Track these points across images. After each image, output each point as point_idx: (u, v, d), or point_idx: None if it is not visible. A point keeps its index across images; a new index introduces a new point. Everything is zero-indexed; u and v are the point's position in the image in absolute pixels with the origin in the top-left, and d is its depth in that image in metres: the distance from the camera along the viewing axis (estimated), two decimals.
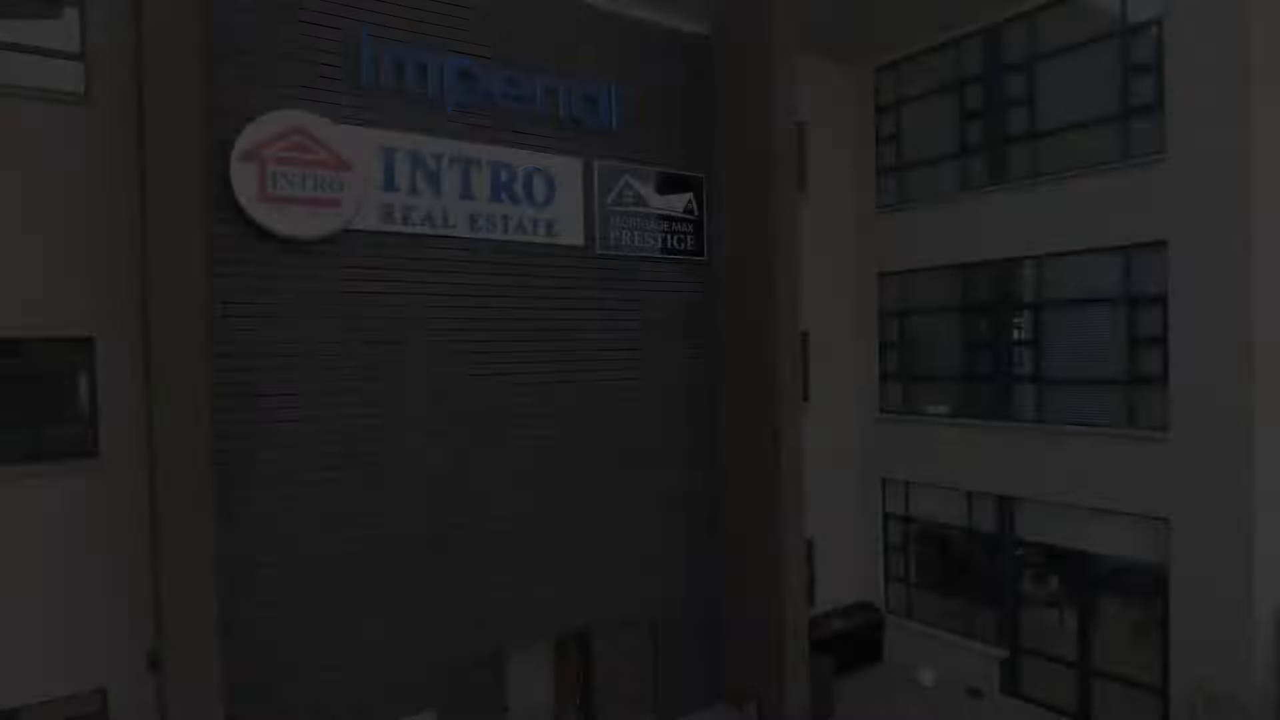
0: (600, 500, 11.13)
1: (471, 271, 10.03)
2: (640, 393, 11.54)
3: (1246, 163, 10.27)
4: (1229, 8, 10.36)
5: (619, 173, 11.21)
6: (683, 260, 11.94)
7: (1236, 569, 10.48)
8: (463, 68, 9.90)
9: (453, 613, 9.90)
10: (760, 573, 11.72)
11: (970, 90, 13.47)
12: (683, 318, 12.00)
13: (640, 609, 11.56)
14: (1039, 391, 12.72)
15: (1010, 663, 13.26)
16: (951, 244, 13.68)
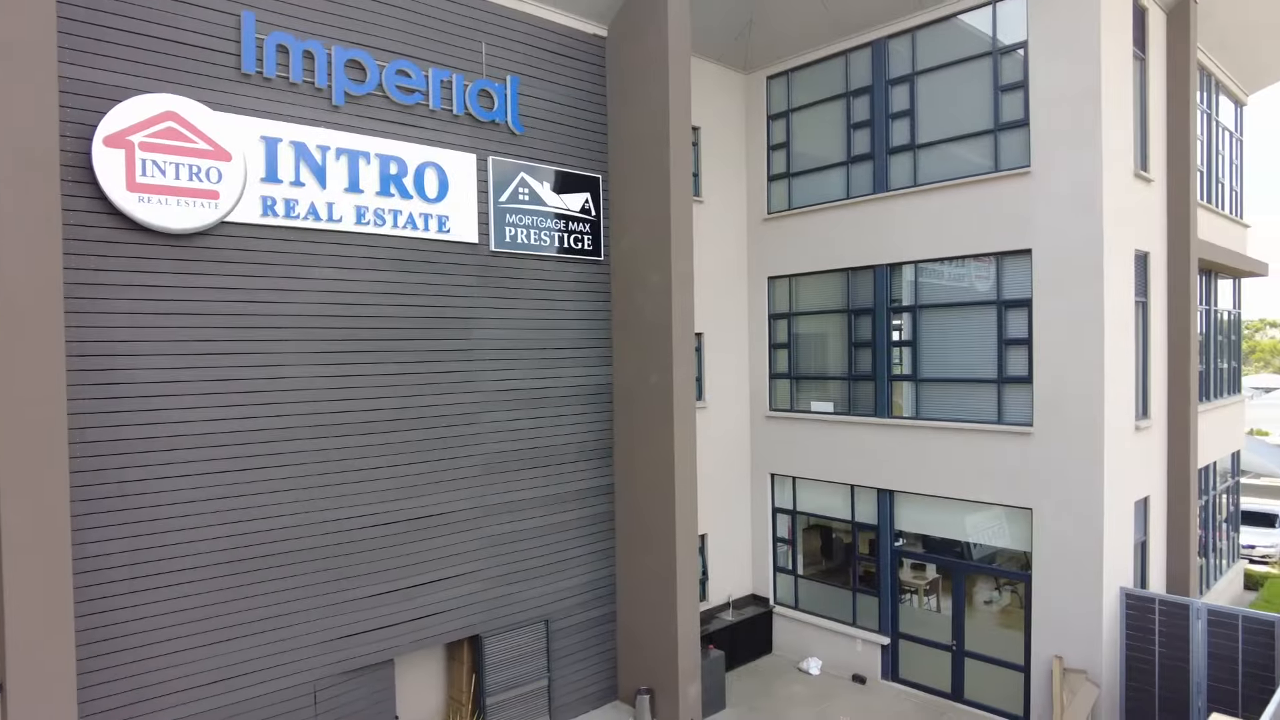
0: (493, 502, 11.00)
1: (359, 267, 9.69)
2: (535, 392, 11.47)
3: (1099, 179, 11.16)
4: (1083, 38, 11.22)
5: (515, 169, 11.09)
6: (580, 260, 11.93)
7: (1089, 554, 11.39)
8: (352, 58, 9.55)
9: (336, 621, 9.55)
10: (654, 570, 11.86)
11: (856, 102, 14.05)
12: (579, 317, 11.99)
13: (534, 610, 11.49)
14: (917, 390, 13.42)
15: (891, 649, 13.94)
16: (837, 249, 14.24)
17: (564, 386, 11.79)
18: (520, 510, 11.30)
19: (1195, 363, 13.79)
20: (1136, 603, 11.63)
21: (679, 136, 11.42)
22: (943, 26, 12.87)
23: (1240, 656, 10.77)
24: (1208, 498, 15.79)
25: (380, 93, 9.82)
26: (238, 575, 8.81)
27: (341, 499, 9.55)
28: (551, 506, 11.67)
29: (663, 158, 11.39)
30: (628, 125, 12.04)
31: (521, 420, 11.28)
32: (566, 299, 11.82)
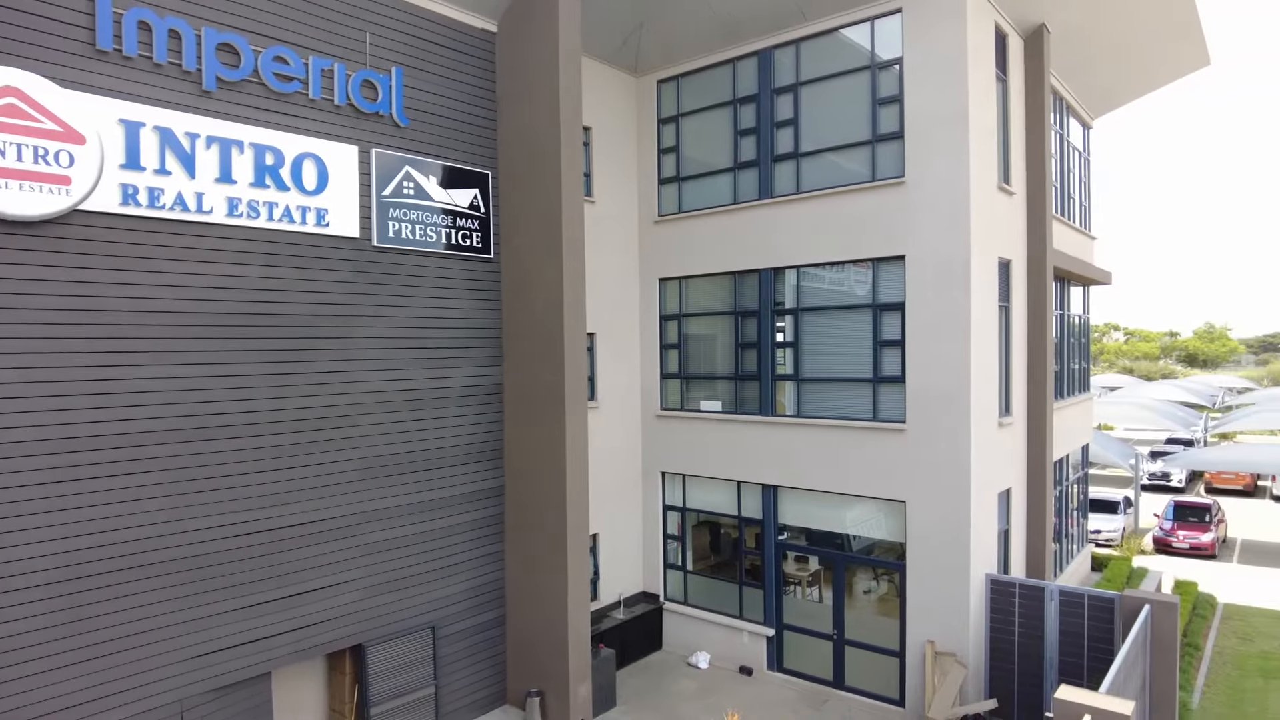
0: (375, 507, 10.64)
1: (230, 261, 9.18)
2: (420, 393, 11.17)
3: (966, 191, 11.88)
4: (952, 59, 11.93)
5: (400, 163, 10.78)
6: (468, 257, 11.72)
7: (957, 543, 12.10)
8: (225, 41, 9.04)
9: (204, 636, 9.01)
10: (545, 571, 11.78)
11: (743, 109, 14.42)
12: (467, 315, 11.77)
13: (420, 616, 11.20)
14: (799, 390, 13.90)
15: (776, 640, 14.37)
16: (726, 252, 14.57)
17: (451, 386, 11.55)
18: (404, 515, 10.98)
19: (1051, 363, 14.90)
20: (1000, 587, 12.45)
21: (570, 136, 11.39)
22: (825, 40, 13.39)
23: (1086, 632, 11.70)
24: (1062, 488, 17.07)
25: (256, 79, 9.34)
26: (88, 592, 8.16)
27: (209, 507, 9.01)
28: (437, 510, 11.40)
29: (554, 156, 11.33)
30: (518, 122, 11.92)
31: (405, 422, 10.97)
32: (454, 296, 11.58)
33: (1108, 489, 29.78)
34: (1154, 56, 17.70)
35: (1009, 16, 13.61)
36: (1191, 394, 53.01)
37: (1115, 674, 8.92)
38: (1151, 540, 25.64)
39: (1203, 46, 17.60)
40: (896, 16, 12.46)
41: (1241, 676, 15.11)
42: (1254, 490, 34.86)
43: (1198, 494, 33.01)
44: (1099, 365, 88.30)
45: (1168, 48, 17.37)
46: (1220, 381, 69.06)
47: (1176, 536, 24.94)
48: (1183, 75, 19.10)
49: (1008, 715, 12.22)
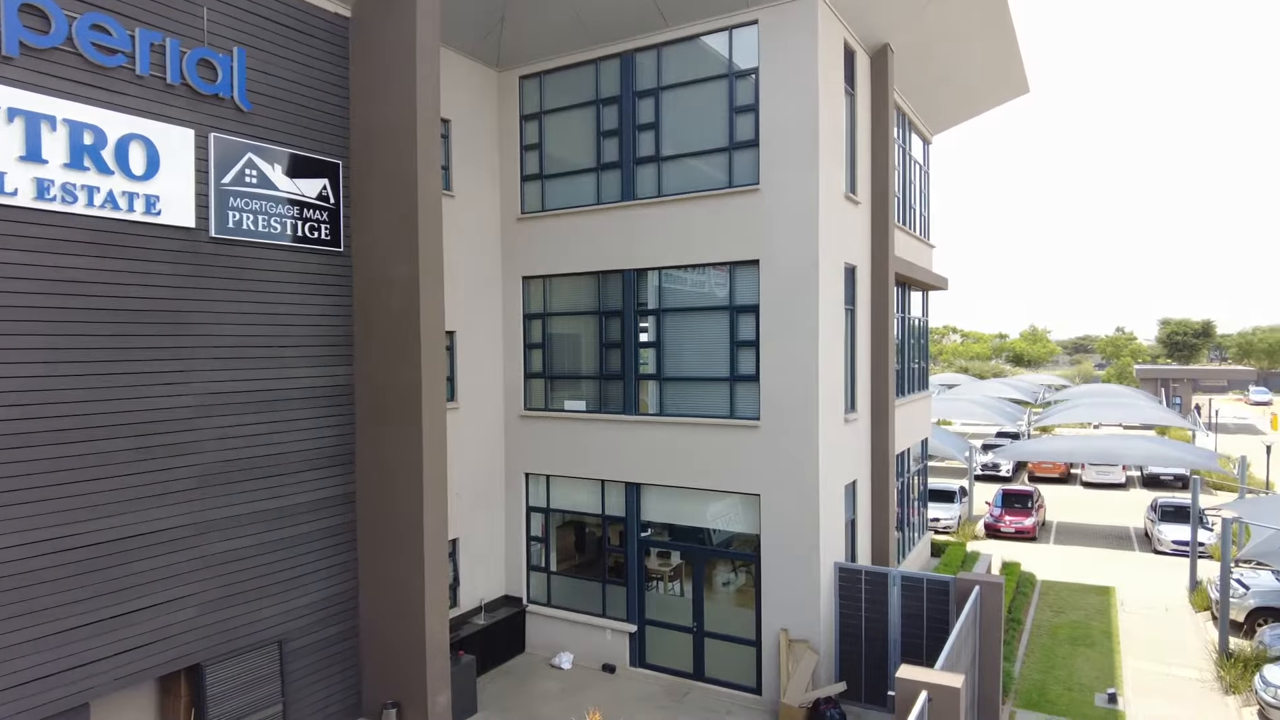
0: (213, 517, 9.92)
1: (41, 250, 8.28)
2: (264, 394, 10.51)
3: (816, 199, 12.46)
4: (803, 72, 12.47)
5: (242, 149, 10.10)
6: (317, 250, 11.13)
7: (808, 534, 12.66)
8: (29, 2, 8.14)
9: (16, 665, 8.09)
10: (401, 579, 11.36)
11: (606, 110, 14.49)
12: (316, 311, 11.18)
13: (264, 631, 10.53)
14: (661, 388, 14.13)
15: (639, 636, 14.53)
16: (589, 252, 14.60)
17: (298, 388, 10.93)
18: (247, 524, 10.29)
19: (893, 363, 15.86)
20: (848, 575, 13.13)
21: (427, 127, 11.05)
22: (686, 46, 13.67)
23: (925, 613, 12.54)
24: (903, 479, 18.22)
25: (71, 48, 8.47)
26: None
27: (13, 522, 8.09)
28: (284, 518, 10.76)
29: (410, 148, 10.95)
30: (373, 112, 11.44)
31: (248, 426, 10.29)
32: (301, 292, 10.96)
33: (945, 479, 32.11)
34: (981, 82, 19.24)
35: (857, 34, 14.39)
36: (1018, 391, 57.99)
37: (949, 651, 9.60)
38: (983, 526, 27.85)
39: (1023, 77, 19.30)
40: (753, 28, 12.90)
41: (1055, 645, 16.66)
42: (1068, 478, 38.56)
43: (1022, 482, 36.18)
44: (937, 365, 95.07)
45: (993, 75, 18.93)
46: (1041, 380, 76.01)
47: (1004, 522, 27.21)
48: (1006, 100, 20.87)
49: (856, 696, 12.91)
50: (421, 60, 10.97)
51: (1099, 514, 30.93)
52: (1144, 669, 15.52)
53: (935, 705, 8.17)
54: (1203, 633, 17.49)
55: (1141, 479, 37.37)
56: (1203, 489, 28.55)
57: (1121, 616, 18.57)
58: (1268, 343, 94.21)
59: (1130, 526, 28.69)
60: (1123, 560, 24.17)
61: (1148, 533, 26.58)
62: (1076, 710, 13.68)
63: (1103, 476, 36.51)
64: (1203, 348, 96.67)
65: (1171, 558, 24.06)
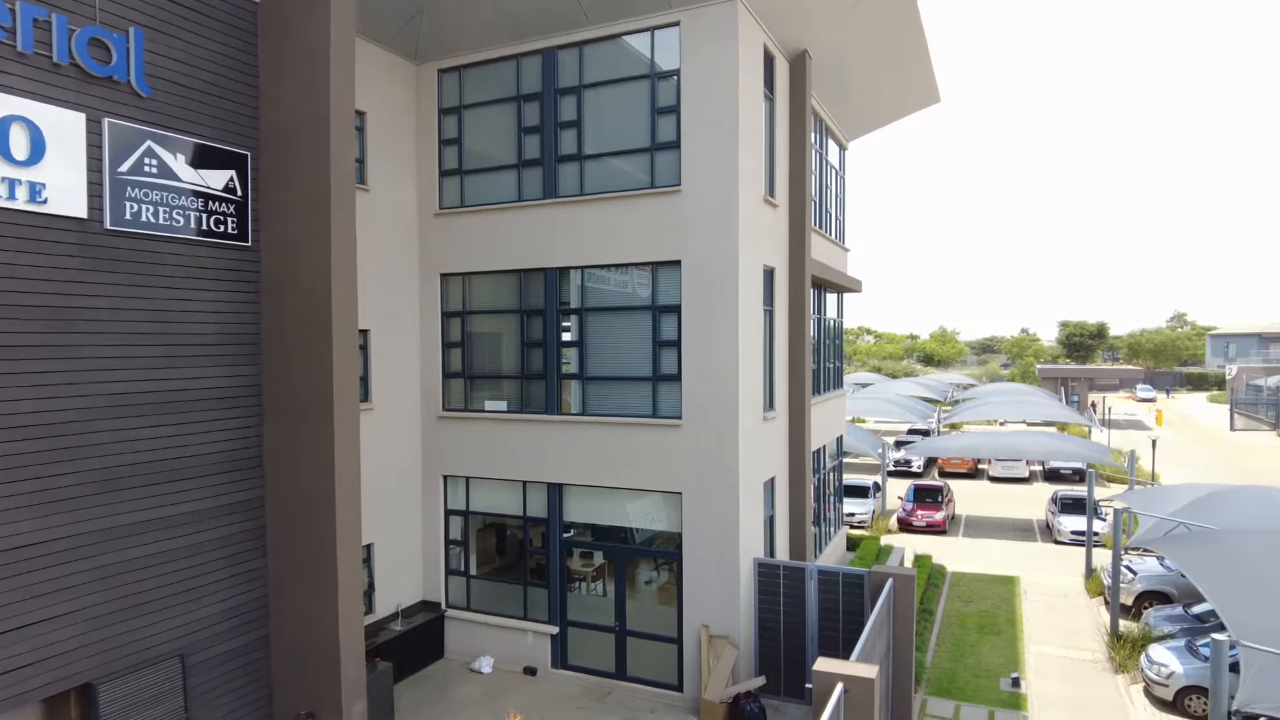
0: (107, 525, 9.35)
1: None
2: (163, 395, 9.97)
3: (735, 201, 12.62)
4: (724, 75, 12.62)
5: (140, 136, 9.55)
6: (223, 245, 10.63)
7: (728, 531, 12.82)
8: None
9: None
10: (312, 586, 10.96)
11: (528, 107, 14.34)
12: (220, 309, 10.67)
13: (164, 645, 9.99)
14: (583, 388, 14.07)
15: (561, 637, 14.43)
16: (510, 250, 14.42)
17: (201, 388, 10.41)
18: (145, 533, 9.74)
19: (810, 363, 16.22)
20: (767, 570, 13.35)
21: (341, 119, 10.69)
22: (609, 45, 13.64)
23: (841, 606, 12.86)
24: (820, 476, 18.65)
25: None
26: None
27: None
28: (185, 526, 10.23)
29: (323, 140, 10.56)
30: (284, 101, 10.99)
31: (145, 429, 9.74)
32: (205, 288, 10.45)
33: (860, 475, 33.03)
34: (894, 91, 19.86)
35: (777, 40, 14.65)
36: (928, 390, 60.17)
37: (864, 643, 9.86)
38: (896, 520, 28.77)
39: (934, 87, 20.01)
40: (675, 29, 12.97)
41: (964, 633, 17.35)
42: (975, 473, 40.21)
43: (933, 478, 37.51)
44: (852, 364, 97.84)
45: (905, 84, 19.58)
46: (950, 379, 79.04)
47: (916, 516, 28.18)
48: (918, 109, 21.60)
49: (775, 690, 13.14)
50: (335, 49, 10.60)
51: (1004, 507, 32.36)
52: (1045, 653, 16.31)
53: (851, 696, 8.37)
54: (1097, 617, 18.49)
55: (1043, 473, 39.26)
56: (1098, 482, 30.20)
57: (1025, 604, 19.47)
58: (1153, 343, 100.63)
59: (1033, 518, 30.12)
60: (1026, 551, 25.36)
61: (1049, 524, 27.95)
62: (983, 695, 14.26)
63: (1008, 471, 38.22)
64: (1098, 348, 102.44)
65: (1070, 547, 25.37)
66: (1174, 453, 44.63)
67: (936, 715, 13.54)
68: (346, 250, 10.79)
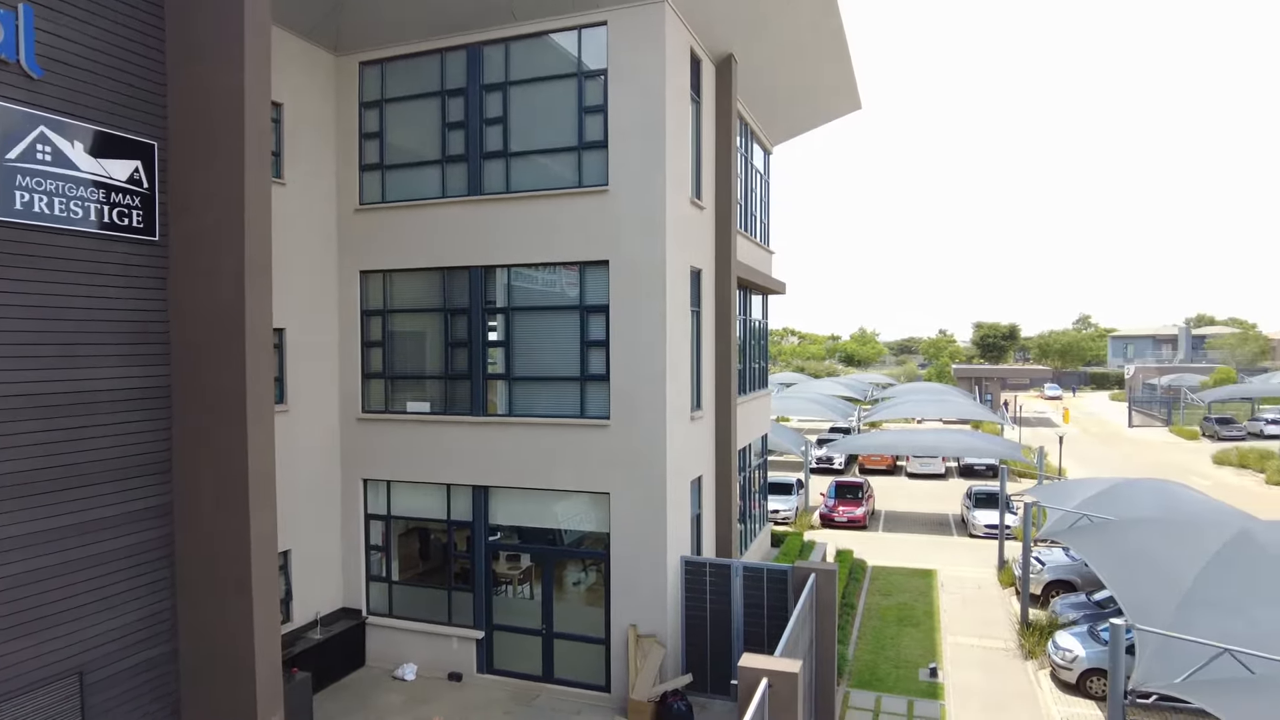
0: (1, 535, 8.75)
1: None
2: (61, 398, 9.39)
3: (663, 203, 12.67)
4: (651, 77, 12.66)
5: (32, 121, 8.96)
6: (126, 239, 10.07)
7: (655, 530, 12.86)
8: None
9: None
10: (224, 596, 10.50)
11: (452, 102, 14.08)
12: (124, 306, 10.11)
13: (59, 663, 9.41)
14: (510, 389, 13.90)
15: (486, 642, 14.22)
16: (433, 247, 14.14)
17: (102, 390, 9.85)
18: (38, 544, 9.15)
19: (736, 363, 16.41)
20: (693, 568, 13.43)
21: (256, 109, 10.26)
22: (536, 42, 13.52)
23: (766, 602, 13.04)
24: (745, 474, 18.90)
25: None
26: None
27: None
28: (84, 535, 9.66)
29: (235, 131, 10.12)
30: (194, 89, 10.48)
31: (39, 433, 9.14)
32: (107, 284, 9.88)
33: (784, 473, 33.65)
34: (818, 97, 20.30)
35: (703, 43, 14.78)
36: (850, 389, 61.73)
37: (787, 638, 10.02)
38: (819, 516, 29.41)
39: (855, 94, 20.53)
40: (603, 29, 12.94)
41: (884, 626, 17.84)
42: (894, 469, 41.45)
43: (854, 475, 38.50)
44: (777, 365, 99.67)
45: (828, 91, 20.03)
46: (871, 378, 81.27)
47: (838, 512, 28.87)
48: (841, 115, 22.14)
49: (702, 687, 13.23)
50: (250, 35, 10.17)
51: (922, 503, 33.46)
52: (960, 643, 16.92)
53: (775, 691, 8.50)
54: (1008, 606, 19.29)
55: (958, 469, 40.74)
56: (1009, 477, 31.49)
57: (942, 596, 20.15)
58: (1061, 344, 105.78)
59: (949, 513, 31.23)
60: (943, 544, 26.27)
61: (964, 518, 29.02)
62: (903, 686, 14.69)
63: (925, 468, 39.54)
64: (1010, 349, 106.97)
65: (984, 540, 26.39)
66: (1079, 448, 46.97)
67: (859, 707, 13.88)
68: (261, 244, 10.37)
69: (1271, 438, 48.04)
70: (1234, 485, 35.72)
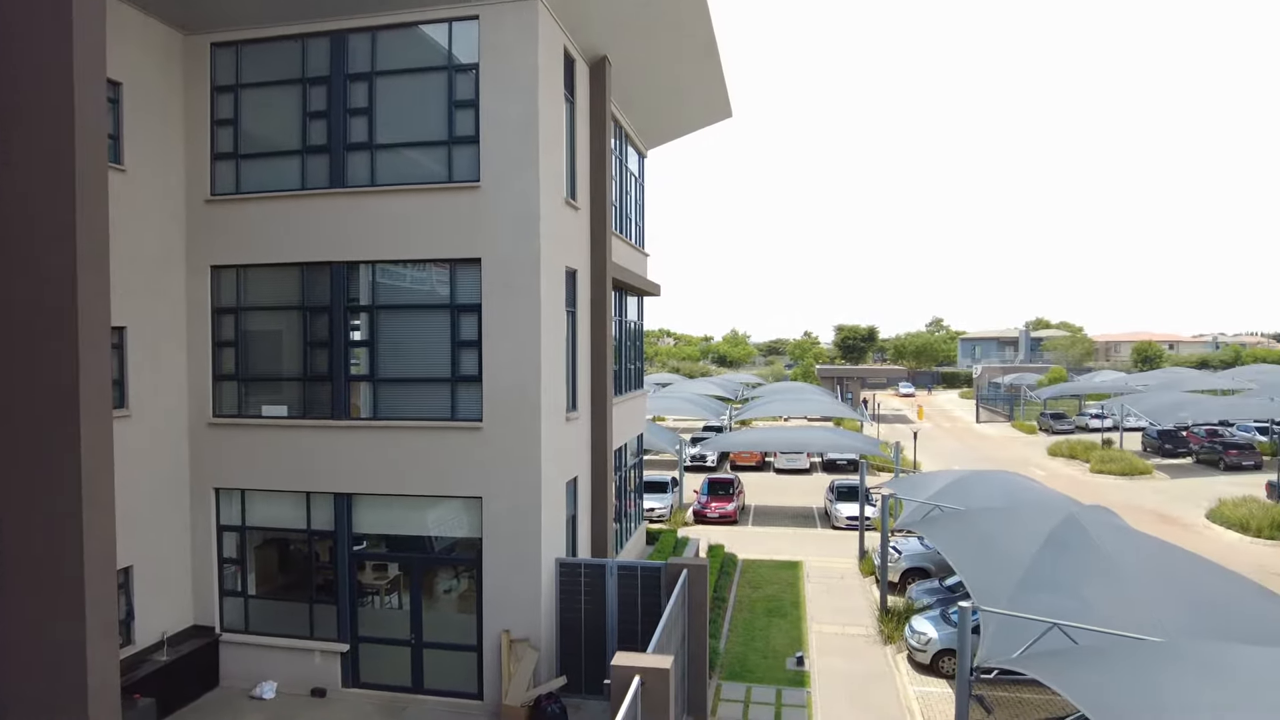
0: None
1: None
2: None
3: (536, 201, 12.56)
4: (524, 74, 12.52)
5: None
6: None
7: (529, 532, 12.72)
8: None
9: None
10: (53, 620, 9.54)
11: (314, 90, 13.42)
12: None
13: None
14: (375, 391, 13.39)
15: (352, 655, 13.63)
16: (292, 242, 13.42)
17: None
18: None
19: (611, 364, 16.49)
20: (568, 569, 13.40)
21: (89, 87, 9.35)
22: (404, 32, 13.09)
23: (639, 600, 13.17)
24: (621, 474, 19.02)
25: None
26: None
27: None
28: None
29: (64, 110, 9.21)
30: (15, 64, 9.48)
31: None
32: None
33: (659, 471, 34.15)
34: (691, 103, 20.70)
35: (577, 43, 14.76)
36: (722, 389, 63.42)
37: (660, 634, 10.15)
38: (692, 513, 30.02)
39: (727, 102, 21.05)
40: (474, 23, 12.69)
41: (754, 618, 18.41)
42: (763, 465, 42.88)
43: (725, 471, 39.54)
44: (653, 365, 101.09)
45: (700, 98, 20.44)
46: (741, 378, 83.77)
47: (710, 508, 29.58)
48: (713, 122, 22.64)
49: (577, 688, 13.21)
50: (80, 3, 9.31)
51: (789, 497, 34.78)
52: (825, 631, 17.68)
53: (648, 688, 8.59)
54: (869, 594, 20.33)
55: (822, 464, 42.60)
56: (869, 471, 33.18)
57: (808, 587, 21.00)
58: (915, 345, 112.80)
59: (814, 506, 32.60)
60: (808, 537, 27.39)
61: (827, 511, 30.38)
62: (772, 675, 15.20)
63: (791, 464, 41.12)
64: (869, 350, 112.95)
65: (846, 532, 27.71)
66: (932, 443, 50.17)
67: (730, 698, 14.25)
68: (97, 238, 9.48)
69: (1095, 430, 53.01)
70: (1065, 475, 39.16)
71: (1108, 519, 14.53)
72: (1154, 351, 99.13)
